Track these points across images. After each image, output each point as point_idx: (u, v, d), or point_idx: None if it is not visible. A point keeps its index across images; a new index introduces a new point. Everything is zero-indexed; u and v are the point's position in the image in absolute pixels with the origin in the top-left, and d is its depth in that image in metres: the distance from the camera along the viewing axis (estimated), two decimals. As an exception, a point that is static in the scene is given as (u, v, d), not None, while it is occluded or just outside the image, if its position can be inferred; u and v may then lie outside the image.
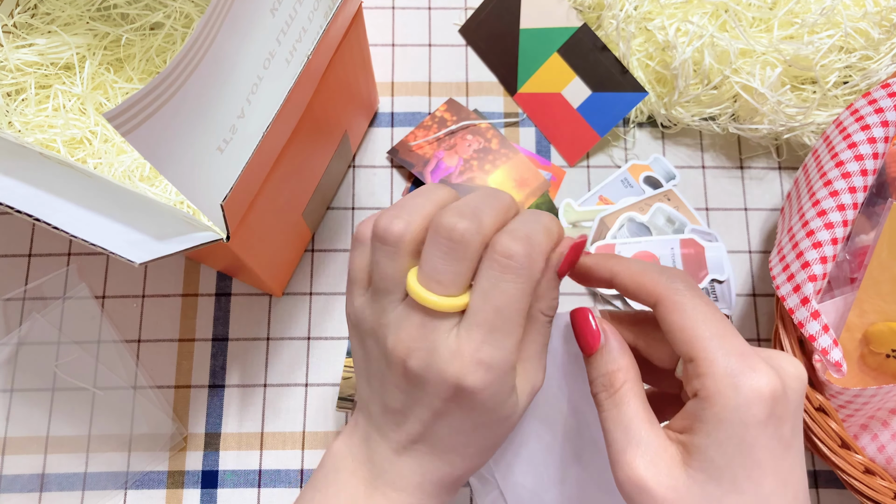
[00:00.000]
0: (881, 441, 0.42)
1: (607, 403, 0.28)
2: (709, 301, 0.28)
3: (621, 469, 0.27)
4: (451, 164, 0.55)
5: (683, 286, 0.28)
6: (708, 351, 0.26)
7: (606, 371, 0.28)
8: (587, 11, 0.57)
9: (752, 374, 0.25)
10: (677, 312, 0.27)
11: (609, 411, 0.28)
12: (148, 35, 0.54)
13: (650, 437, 0.27)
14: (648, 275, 0.29)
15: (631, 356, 0.29)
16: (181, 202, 0.50)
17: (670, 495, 0.26)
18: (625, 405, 0.28)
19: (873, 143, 0.42)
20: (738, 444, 0.25)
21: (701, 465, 0.26)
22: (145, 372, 0.52)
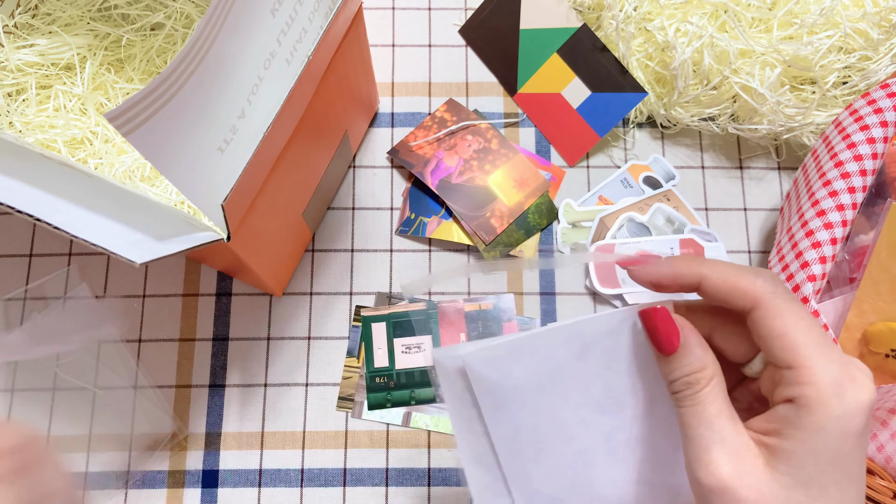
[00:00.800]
0: (880, 440, 0.42)
1: (690, 400, 0.27)
2: (804, 307, 0.27)
3: (704, 467, 0.26)
4: (451, 164, 0.55)
5: (782, 290, 0.27)
6: (811, 360, 0.26)
7: (691, 370, 0.28)
8: (587, 12, 0.58)
9: (855, 385, 0.25)
10: (778, 318, 0.27)
11: (691, 408, 0.27)
12: (148, 35, 0.54)
13: (734, 436, 0.26)
14: (745, 278, 0.28)
15: (712, 354, 0.28)
16: (182, 202, 0.51)
17: (753, 496, 0.25)
18: (710, 403, 0.27)
19: (872, 144, 0.42)
20: (834, 453, 0.25)
21: (789, 469, 0.25)
22: (146, 371, 0.52)
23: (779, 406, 0.26)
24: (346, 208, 0.56)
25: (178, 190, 0.35)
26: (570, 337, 0.31)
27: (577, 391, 0.32)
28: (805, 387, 0.25)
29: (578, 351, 0.31)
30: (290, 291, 0.54)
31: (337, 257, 0.55)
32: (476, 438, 0.34)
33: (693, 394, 0.27)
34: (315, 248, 0.55)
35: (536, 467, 0.33)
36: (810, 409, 0.25)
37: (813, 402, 0.25)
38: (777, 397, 0.27)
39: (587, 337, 0.31)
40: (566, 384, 0.32)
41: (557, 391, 0.32)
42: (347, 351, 0.52)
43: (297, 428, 0.51)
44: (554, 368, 0.32)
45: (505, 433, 0.33)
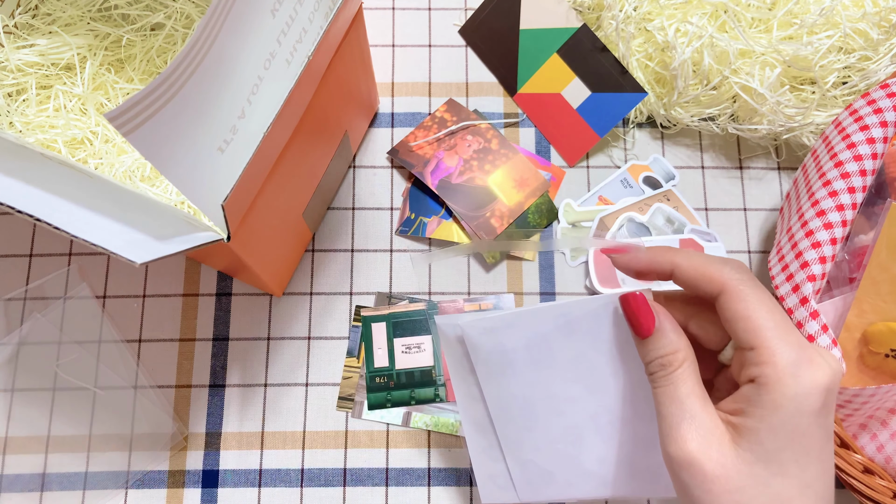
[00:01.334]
0: (880, 440, 0.42)
1: (663, 381, 0.29)
2: (769, 293, 0.29)
3: (673, 442, 0.28)
4: (451, 164, 0.55)
5: (747, 277, 0.29)
6: (770, 341, 0.27)
7: (664, 352, 0.29)
8: (587, 12, 0.58)
9: (811, 366, 0.27)
10: (742, 302, 0.28)
11: (665, 388, 0.29)
12: (149, 36, 0.54)
13: (703, 414, 0.28)
14: (713, 265, 0.29)
15: (686, 338, 0.30)
16: (182, 202, 0.51)
17: (718, 471, 0.27)
18: (681, 383, 0.29)
19: (872, 144, 0.42)
20: (792, 430, 0.27)
21: (751, 446, 0.27)
22: (146, 371, 0.52)
23: (743, 386, 0.28)
24: (346, 208, 0.56)
25: (178, 190, 0.35)
26: (560, 316, 0.33)
27: (565, 368, 0.34)
28: (764, 366, 0.27)
29: (567, 330, 0.33)
30: (290, 291, 0.54)
31: (337, 257, 0.55)
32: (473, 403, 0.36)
33: (666, 374, 0.29)
34: (315, 248, 0.55)
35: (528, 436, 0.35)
36: (769, 387, 0.27)
37: (771, 381, 0.27)
38: (742, 378, 0.28)
39: (575, 318, 0.33)
40: (556, 360, 0.34)
41: (548, 366, 0.34)
42: (347, 351, 0.52)
43: (297, 428, 0.51)
44: (544, 345, 0.34)
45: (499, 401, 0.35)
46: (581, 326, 0.33)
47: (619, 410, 0.34)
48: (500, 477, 0.37)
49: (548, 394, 0.34)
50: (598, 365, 0.33)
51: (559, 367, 0.34)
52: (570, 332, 0.33)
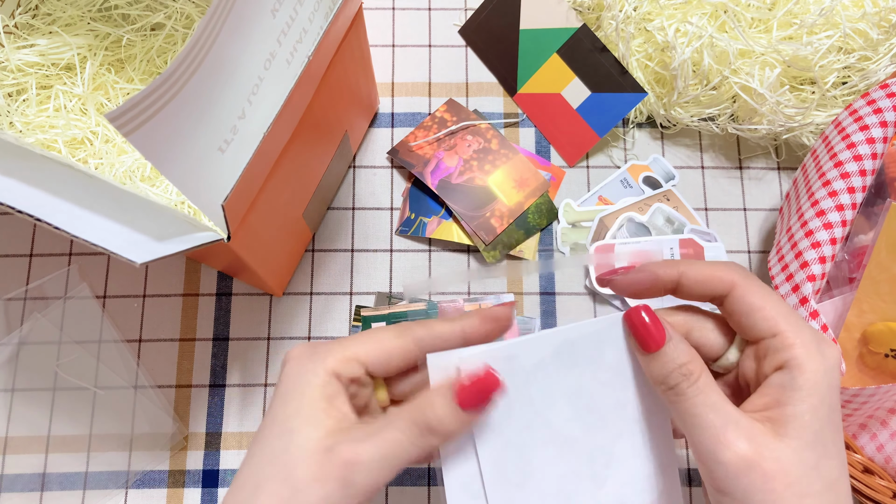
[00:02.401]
0: (880, 440, 0.42)
1: (691, 391, 0.28)
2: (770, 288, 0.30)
3: (726, 448, 0.27)
4: (451, 164, 0.55)
5: (752, 275, 0.30)
6: (792, 325, 0.28)
7: (682, 362, 0.29)
8: (587, 12, 0.58)
9: (827, 342, 0.28)
10: (755, 294, 0.29)
11: (695, 397, 0.28)
12: (149, 36, 0.54)
13: (740, 416, 0.28)
14: (719, 267, 0.30)
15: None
16: (182, 202, 0.51)
17: (776, 467, 0.26)
18: (711, 389, 0.28)
19: (872, 144, 0.42)
20: (829, 408, 0.27)
21: (798, 433, 0.27)
22: (146, 371, 0.52)
23: (772, 376, 0.28)
24: (346, 208, 0.56)
25: (178, 190, 0.35)
26: (560, 343, 0.31)
27: (565, 404, 0.32)
28: (793, 349, 0.27)
29: (569, 357, 0.31)
30: (291, 291, 0.54)
31: (337, 257, 0.55)
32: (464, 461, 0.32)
33: (692, 384, 0.28)
34: (315, 248, 0.55)
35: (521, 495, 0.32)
36: (802, 368, 0.27)
37: (804, 361, 0.27)
38: (767, 369, 0.28)
39: (576, 344, 0.31)
40: (555, 396, 0.32)
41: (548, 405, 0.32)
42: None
43: (298, 428, 0.51)
44: (544, 377, 0.32)
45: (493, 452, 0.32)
46: (582, 352, 0.31)
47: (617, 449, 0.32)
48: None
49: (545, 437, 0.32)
50: (598, 398, 0.32)
51: (558, 404, 0.32)
52: (571, 359, 0.31)
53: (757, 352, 0.29)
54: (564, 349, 0.31)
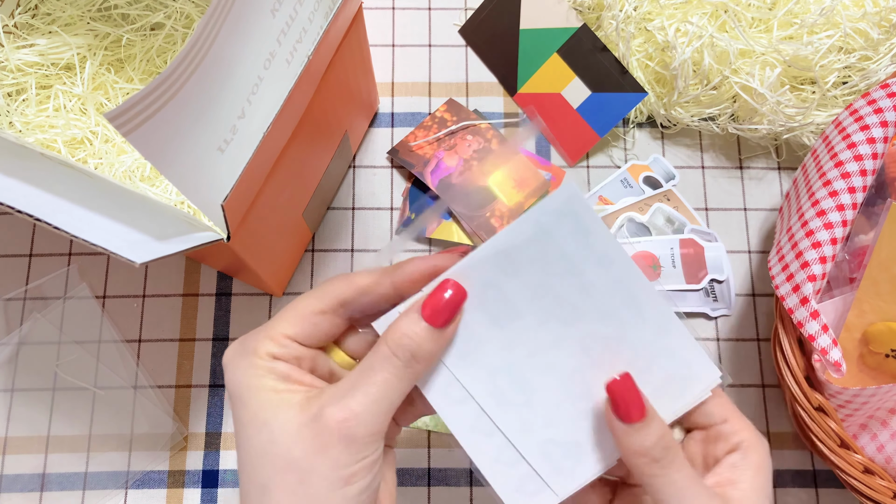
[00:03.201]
0: (880, 441, 0.42)
1: (676, 465, 0.29)
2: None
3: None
4: (451, 164, 0.55)
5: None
6: (735, 411, 0.31)
7: (661, 434, 0.29)
8: (587, 12, 0.58)
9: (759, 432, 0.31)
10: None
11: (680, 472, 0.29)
12: (148, 35, 0.54)
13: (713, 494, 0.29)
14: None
15: None
16: (182, 202, 0.51)
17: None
18: (686, 464, 0.29)
19: (872, 144, 0.42)
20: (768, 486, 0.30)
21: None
22: (146, 371, 0.52)
23: (726, 457, 0.30)
24: (346, 208, 0.56)
25: (178, 190, 0.35)
26: (495, 257, 0.30)
27: (531, 311, 0.31)
28: (743, 432, 0.30)
29: (511, 267, 0.30)
30: (290, 291, 0.54)
31: (337, 257, 0.55)
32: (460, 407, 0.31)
33: (674, 458, 0.29)
34: (315, 248, 0.55)
35: (532, 414, 0.31)
36: (753, 448, 0.30)
37: (753, 443, 0.30)
38: (719, 452, 0.31)
39: (511, 252, 0.30)
40: (517, 307, 0.31)
41: (513, 318, 0.31)
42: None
43: (297, 428, 0.51)
44: (496, 295, 0.30)
45: (483, 384, 0.31)
46: (522, 257, 0.30)
47: (606, 331, 0.31)
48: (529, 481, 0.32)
49: (529, 350, 0.31)
50: (561, 290, 0.30)
51: (525, 312, 0.30)
52: (514, 268, 0.30)
53: (706, 436, 0.31)
54: (502, 261, 0.30)
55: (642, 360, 0.31)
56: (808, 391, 0.42)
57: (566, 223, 0.30)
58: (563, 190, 0.29)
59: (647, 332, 0.31)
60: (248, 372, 0.28)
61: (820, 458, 0.43)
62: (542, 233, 0.30)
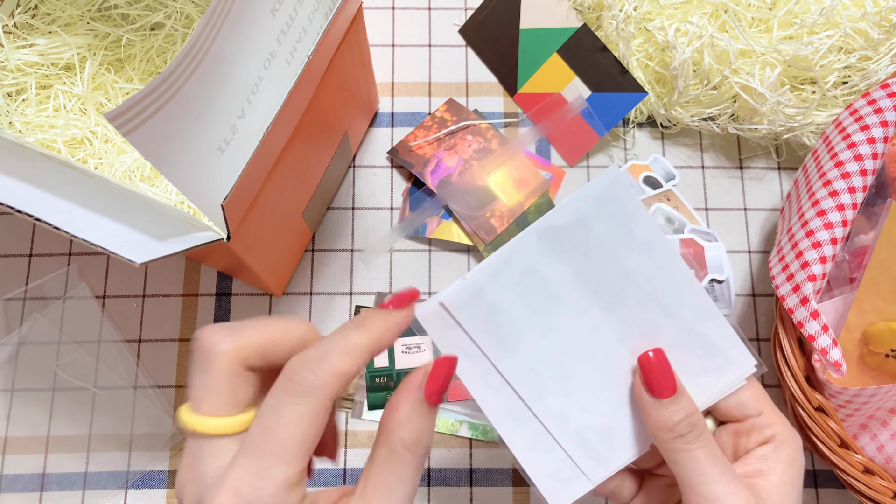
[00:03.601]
0: (880, 441, 0.42)
1: (700, 441, 0.29)
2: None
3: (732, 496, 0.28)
4: (451, 164, 0.55)
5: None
6: (772, 406, 0.31)
7: (689, 412, 0.29)
8: (587, 12, 0.58)
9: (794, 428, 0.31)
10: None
11: (703, 448, 0.29)
12: (148, 35, 0.54)
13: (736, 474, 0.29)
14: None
15: None
16: (182, 202, 0.51)
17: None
18: (714, 443, 0.29)
19: (872, 144, 0.42)
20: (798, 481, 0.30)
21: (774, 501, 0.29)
22: (146, 371, 0.52)
23: (758, 448, 0.31)
24: (346, 208, 0.56)
25: (177, 190, 0.35)
26: (537, 241, 0.30)
27: (571, 296, 0.30)
28: (777, 426, 0.31)
29: (553, 250, 0.30)
30: (290, 291, 0.54)
31: (337, 257, 0.55)
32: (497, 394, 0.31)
33: (699, 435, 0.29)
34: (315, 248, 0.55)
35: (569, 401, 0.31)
36: (785, 443, 0.30)
37: (786, 437, 0.30)
38: (751, 444, 0.31)
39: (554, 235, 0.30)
40: (558, 292, 0.30)
41: (553, 304, 0.30)
42: (347, 351, 0.52)
43: (297, 428, 0.51)
44: (537, 281, 0.30)
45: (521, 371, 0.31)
46: (564, 242, 0.30)
47: (645, 317, 0.31)
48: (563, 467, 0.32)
49: (568, 337, 0.31)
50: (603, 275, 0.30)
51: (565, 299, 0.30)
52: (555, 253, 0.30)
53: (738, 428, 0.32)
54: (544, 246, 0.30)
55: (680, 347, 0.31)
56: (808, 391, 0.42)
57: (609, 208, 0.30)
58: (607, 174, 0.29)
59: (685, 320, 0.31)
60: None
61: (820, 458, 0.43)
62: (584, 217, 0.30)
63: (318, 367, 0.24)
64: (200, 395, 0.25)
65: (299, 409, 0.24)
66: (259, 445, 0.23)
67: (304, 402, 0.24)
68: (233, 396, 0.25)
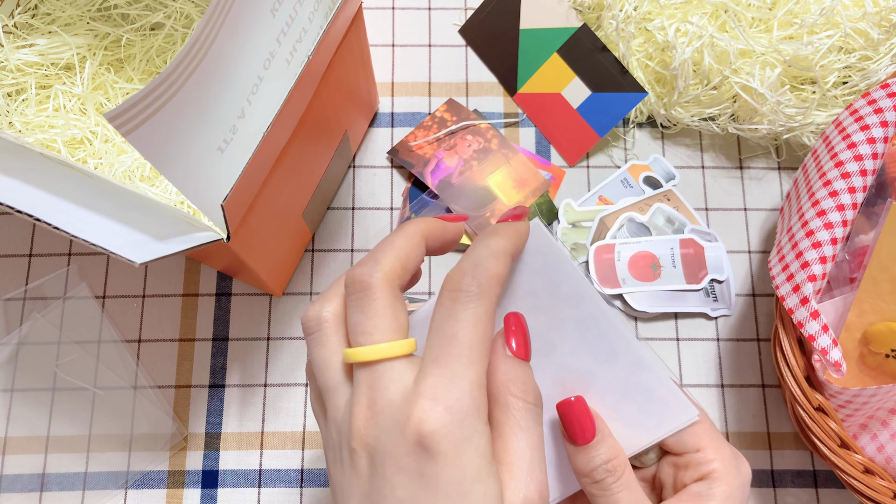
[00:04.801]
0: (880, 441, 0.42)
1: (616, 486, 0.29)
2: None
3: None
4: (451, 164, 0.55)
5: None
6: (713, 441, 0.30)
7: (608, 457, 0.29)
8: (587, 12, 0.57)
9: (743, 460, 0.31)
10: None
11: (619, 493, 0.29)
12: (148, 35, 0.54)
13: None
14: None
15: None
16: (181, 202, 0.51)
17: None
18: (634, 486, 0.29)
19: (872, 144, 0.42)
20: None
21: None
22: (145, 372, 0.52)
23: (691, 485, 0.30)
24: (346, 208, 0.56)
25: (177, 190, 0.35)
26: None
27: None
28: (714, 462, 0.30)
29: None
30: (290, 291, 0.54)
31: (337, 257, 0.55)
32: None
33: (616, 480, 0.29)
34: (315, 248, 0.55)
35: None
36: (721, 480, 0.30)
37: (722, 474, 0.30)
38: (687, 479, 0.31)
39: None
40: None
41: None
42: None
43: (297, 428, 0.51)
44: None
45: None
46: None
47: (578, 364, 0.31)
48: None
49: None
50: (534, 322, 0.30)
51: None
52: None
53: (677, 461, 0.31)
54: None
55: (616, 394, 0.31)
56: (809, 391, 0.42)
57: (533, 259, 0.30)
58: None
59: (619, 369, 0.31)
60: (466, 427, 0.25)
61: (820, 458, 0.43)
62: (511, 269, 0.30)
63: (479, 273, 0.26)
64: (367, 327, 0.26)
65: (475, 312, 0.25)
66: (445, 353, 0.25)
67: (476, 305, 0.26)
68: (397, 321, 0.26)
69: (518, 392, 0.27)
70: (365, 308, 0.26)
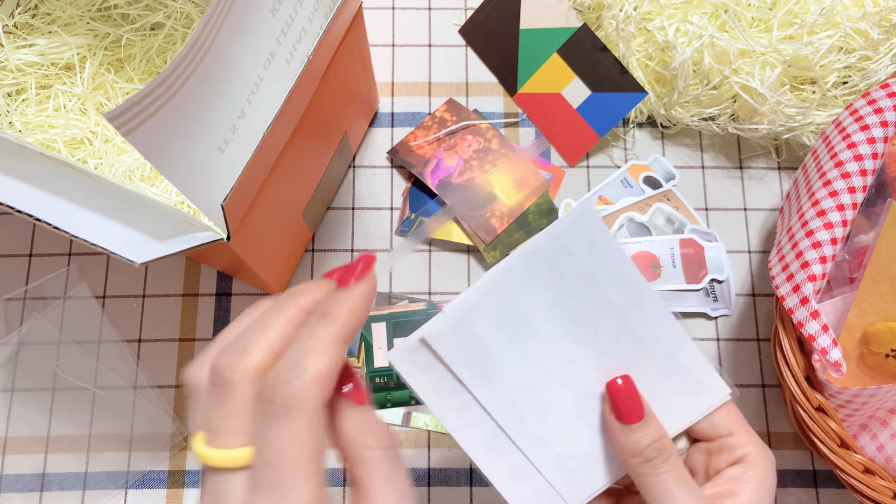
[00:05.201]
0: (880, 441, 0.42)
1: (666, 465, 0.30)
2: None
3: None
4: (451, 164, 0.55)
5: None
6: (744, 425, 0.32)
7: (657, 437, 0.30)
8: (587, 12, 0.57)
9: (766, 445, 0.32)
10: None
11: (668, 472, 0.29)
12: (148, 35, 0.54)
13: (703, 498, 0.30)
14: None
15: None
16: (181, 202, 0.51)
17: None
18: (682, 467, 0.30)
19: (872, 144, 0.42)
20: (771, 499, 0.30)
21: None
22: (146, 371, 0.52)
23: (728, 469, 0.31)
24: (346, 208, 0.56)
25: (177, 190, 0.35)
26: (514, 274, 0.30)
27: (547, 328, 0.31)
28: (748, 446, 0.31)
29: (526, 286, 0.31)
30: (290, 291, 0.54)
31: (337, 257, 0.55)
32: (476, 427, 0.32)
33: (666, 459, 0.30)
34: (315, 248, 0.55)
35: (548, 430, 0.32)
36: (756, 463, 0.30)
37: (757, 458, 0.30)
38: (721, 464, 0.31)
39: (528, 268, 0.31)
40: (534, 324, 0.31)
41: (529, 335, 0.31)
42: (347, 351, 0.52)
43: (297, 428, 0.51)
44: (514, 313, 0.31)
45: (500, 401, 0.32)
46: (539, 275, 0.30)
47: (619, 346, 0.32)
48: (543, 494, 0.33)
49: (545, 366, 0.31)
50: (577, 306, 0.31)
51: (541, 329, 0.31)
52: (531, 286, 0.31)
53: (710, 447, 0.32)
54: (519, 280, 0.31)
55: (654, 375, 0.32)
56: (809, 391, 0.42)
57: (581, 242, 0.31)
58: (575, 209, 0.30)
59: (659, 349, 0.32)
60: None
61: (820, 458, 0.43)
62: (557, 251, 0.31)
63: (295, 379, 0.22)
64: (218, 426, 0.23)
65: (290, 430, 0.22)
66: (266, 478, 0.22)
67: (291, 420, 0.22)
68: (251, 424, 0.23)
69: (374, 442, 0.24)
70: (220, 404, 0.23)
